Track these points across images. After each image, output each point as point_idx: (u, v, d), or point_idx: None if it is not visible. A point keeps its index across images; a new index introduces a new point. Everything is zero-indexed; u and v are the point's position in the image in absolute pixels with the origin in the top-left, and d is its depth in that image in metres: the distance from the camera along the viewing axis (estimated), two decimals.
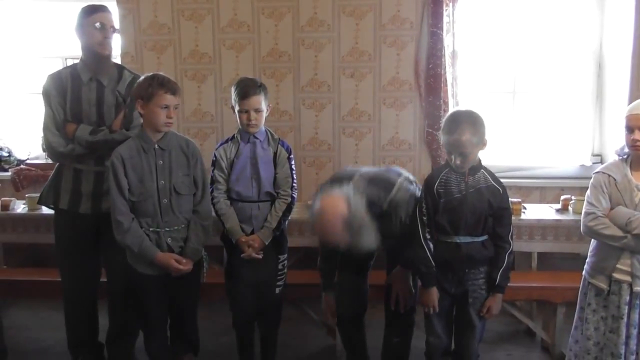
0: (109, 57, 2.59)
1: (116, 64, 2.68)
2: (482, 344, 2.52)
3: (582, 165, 3.83)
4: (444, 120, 2.34)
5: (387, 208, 2.26)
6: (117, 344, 2.78)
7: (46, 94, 2.56)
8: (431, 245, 2.29)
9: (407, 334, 2.62)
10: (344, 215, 2.08)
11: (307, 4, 3.65)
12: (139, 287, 2.42)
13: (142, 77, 2.37)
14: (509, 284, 2.97)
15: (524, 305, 3.30)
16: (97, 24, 2.49)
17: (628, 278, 2.24)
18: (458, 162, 2.24)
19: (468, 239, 2.27)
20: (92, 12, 2.51)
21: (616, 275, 2.27)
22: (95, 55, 2.53)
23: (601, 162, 3.80)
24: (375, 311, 2.73)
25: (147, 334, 2.53)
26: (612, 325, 2.29)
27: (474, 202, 2.24)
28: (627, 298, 2.25)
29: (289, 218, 2.68)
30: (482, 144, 2.25)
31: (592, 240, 2.39)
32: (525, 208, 3.28)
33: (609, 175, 2.29)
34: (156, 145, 2.36)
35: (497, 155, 3.85)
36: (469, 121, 2.22)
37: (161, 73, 2.37)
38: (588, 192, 2.35)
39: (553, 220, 3.18)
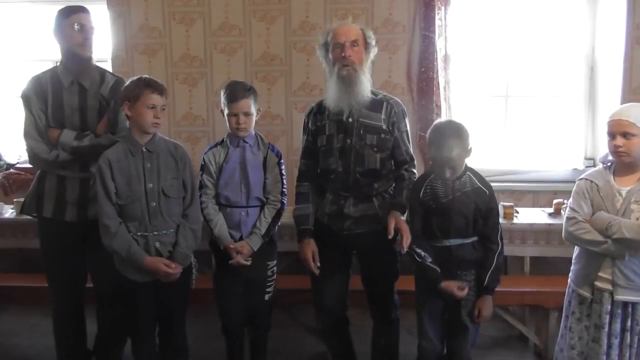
0: (90, 59, 2.51)
1: (98, 67, 2.61)
2: (475, 349, 2.50)
3: (575, 169, 3.83)
4: (428, 133, 2.34)
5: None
6: (105, 350, 2.75)
7: (26, 99, 2.50)
8: (420, 251, 2.28)
9: (392, 333, 2.61)
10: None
11: (299, 7, 3.64)
12: (128, 293, 2.39)
13: (128, 81, 2.34)
14: (502, 289, 2.99)
15: (516, 310, 3.28)
16: (76, 25, 2.43)
17: (609, 286, 2.21)
18: (448, 174, 2.26)
19: (458, 241, 2.27)
20: (70, 13, 2.45)
21: (598, 284, 2.24)
22: (76, 58, 2.47)
23: (594, 165, 3.79)
24: (365, 317, 2.70)
25: (136, 341, 2.49)
26: (595, 335, 2.27)
27: (461, 206, 2.24)
28: (609, 307, 2.22)
29: (279, 223, 2.65)
30: (468, 155, 2.28)
31: (575, 247, 2.37)
32: (517, 212, 3.27)
33: (592, 182, 2.27)
34: (144, 148, 2.33)
35: (490, 159, 3.85)
36: (456, 135, 2.24)
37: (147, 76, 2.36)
38: (570, 198, 2.34)
39: (545, 224, 3.17)
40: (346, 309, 2.64)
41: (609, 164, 2.30)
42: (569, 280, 2.41)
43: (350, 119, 2.43)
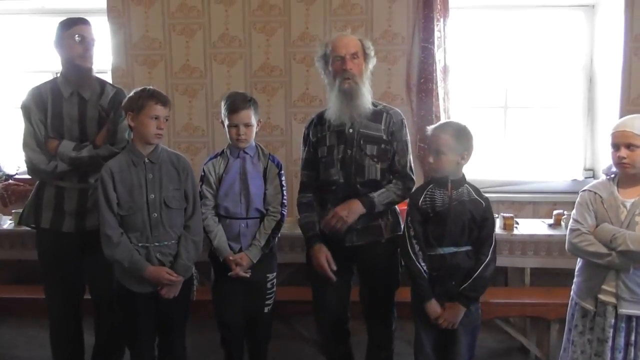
0: (90, 70, 2.52)
1: (98, 78, 2.61)
2: None
3: (575, 180, 3.83)
4: None
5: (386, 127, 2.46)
6: None
7: (25, 109, 2.50)
8: (421, 259, 2.27)
9: (391, 345, 2.58)
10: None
11: (299, 18, 3.66)
12: (128, 304, 2.38)
13: (132, 92, 2.34)
14: (503, 300, 3.01)
15: (517, 321, 3.26)
16: (77, 37, 2.44)
17: (613, 300, 2.18)
18: (431, 160, 2.25)
19: (452, 249, 2.25)
20: (71, 25, 2.46)
21: (601, 297, 2.21)
22: (76, 69, 2.48)
23: (593, 176, 3.80)
24: (364, 328, 2.68)
25: (134, 352, 2.47)
26: (598, 349, 2.23)
27: (457, 214, 2.23)
28: (612, 321, 2.19)
29: (279, 235, 2.64)
30: (461, 156, 2.24)
31: (578, 259, 2.35)
32: (517, 223, 3.26)
33: (595, 193, 2.26)
34: (146, 158, 2.33)
35: (489, 170, 3.85)
36: (457, 127, 2.27)
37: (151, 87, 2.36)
38: (574, 210, 2.33)
39: (546, 235, 3.16)
40: (347, 320, 2.62)
41: (612, 175, 2.29)
42: (571, 292, 2.39)
43: (351, 130, 2.43)
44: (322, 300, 2.53)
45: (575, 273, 2.37)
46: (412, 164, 2.54)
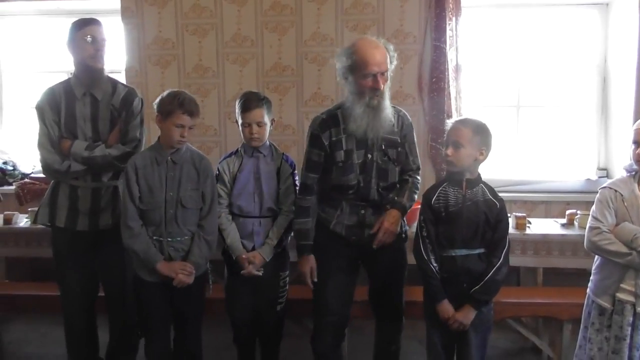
0: (101, 70, 2.54)
1: (110, 78, 2.63)
2: None
3: (588, 179, 3.80)
4: None
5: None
6: (117, 359, 2.75)
7: (40, 110, 2.53)
8: (433, 259, 2.26)
9: (400, 338, 2.58)
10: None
11: (311, 18, 3.67)
12: (143, 293, 2.44)
13: (166, 92, 2.37)
14: (515, 300, 2.99)
15: (530, 321, 3.25)
16: (88, 37, 2.46)
17: (631, 298, 2.18)
18: (448, 152, 2.21)
19: (464, 252, 2.23)
20: (82, 25, 2.49)
21: (619, 295, 2.21)
22: (88, 69, 2.50)
23: (607, 176, 3.77)
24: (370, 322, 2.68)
25: (148, 339, 2.51)
26: (615, 346, 2.22)
27: (470, 215, 2.21)
28: (631, 319, 2.18)
29: (292, 234, 2.64)
30: (479, 151, 2.21)
31: (596, 257, 2.33)
32: (530, 223, 3.24)
33: (616, 191, 2.24)
34: (169, 157, 2.39)
35: (502, 169, 3.83)
36: (477, 122, 2.24)
37: (185, 91, 2.39)
38: (593, 207, 2.30)
39: (559, 235, 3.13)
40: (347, 322, 2.56)
41: (633, 172, 2.28)
42: (587, 290, 2.38)
43: (371, 134, 2.36)
44: (325, 300, 2.48)
45: (592, 271, 2.36)
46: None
